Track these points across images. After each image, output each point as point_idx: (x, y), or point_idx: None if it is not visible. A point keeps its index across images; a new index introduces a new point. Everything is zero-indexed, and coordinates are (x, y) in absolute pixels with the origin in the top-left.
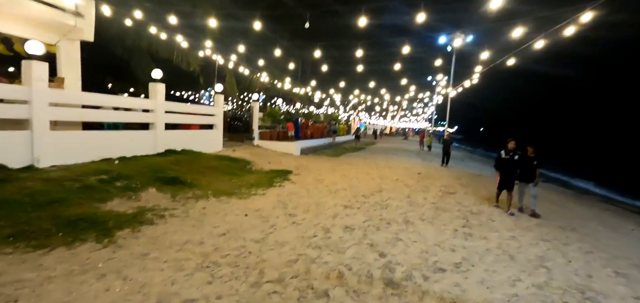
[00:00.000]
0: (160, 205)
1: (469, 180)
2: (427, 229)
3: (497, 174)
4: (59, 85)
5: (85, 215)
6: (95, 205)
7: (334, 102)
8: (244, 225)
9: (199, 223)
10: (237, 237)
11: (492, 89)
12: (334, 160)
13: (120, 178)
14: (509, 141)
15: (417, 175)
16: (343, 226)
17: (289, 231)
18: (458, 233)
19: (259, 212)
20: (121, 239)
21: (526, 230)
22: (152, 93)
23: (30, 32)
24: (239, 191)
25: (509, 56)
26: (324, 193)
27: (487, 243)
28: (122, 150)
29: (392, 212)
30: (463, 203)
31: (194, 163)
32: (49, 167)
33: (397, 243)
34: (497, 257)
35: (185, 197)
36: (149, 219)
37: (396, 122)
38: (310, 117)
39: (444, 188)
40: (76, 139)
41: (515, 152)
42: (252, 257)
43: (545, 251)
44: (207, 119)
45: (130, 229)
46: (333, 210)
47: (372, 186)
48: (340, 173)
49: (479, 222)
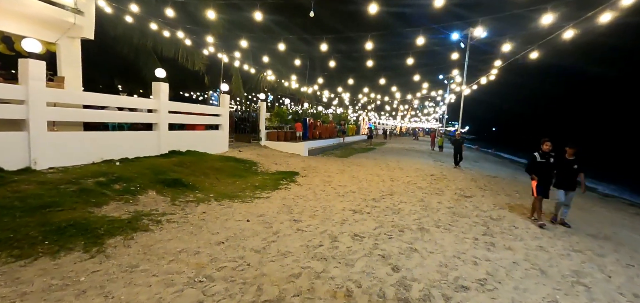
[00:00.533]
0: (158, 209)
1: (486, 183)
2: (444, 238)
3: (531, 179)
4: (59, 84)
5: (76, 220)
6: (89, 210)
7: (342, 102)
8: (245, 232)
9: (197, 229)
10: (237, 246)
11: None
12: (342, 161)
13: (119, 181)
14: (544, 141)
15: (430, 177)
16: (352, 234)
17: (293, 239)
18: (479, 243)
19: (262, 217)
20: (111, 248)
21: (554, 238)
22: (155, 92)
23: (29, 30)
24: (243, 194)
25: (527, 51)
26: (332, 196)
27: (512, 254)
28: (125, 151)
29: (405, 218)
30: (481, 207)
31: (198, 165)
32: (46, 169)
33: (412, 255)
34: (526, 272)
35: (185, 200)
36: (144, 225)
37: (406, 122)
38: (318, 117)
39: (459, 191)
40: (76, 140)
41: (552, 154)
42: (251, 270)
43: (580, 264)
44: (212, 119)
45: (122, 236)
46: (341, 215)
47: (382, 189)
48: (349, 175)
49: (501, 229)
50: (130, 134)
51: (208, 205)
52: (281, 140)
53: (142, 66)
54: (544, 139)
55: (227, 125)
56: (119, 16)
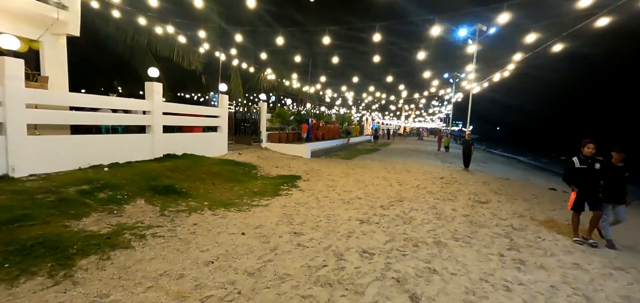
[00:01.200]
0: (144, 221)
1: (499, 186)
2: (465, 254)
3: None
4: (42, 85)
5: (47, 237)
6: (65, 224)
7: (346, 102)
8: (239, 248)
9: (185, 245)
10: (228, 266)
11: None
12: (346, 164)
13: (105, 189)
14: (585, 143)
15: (439, 180)
16: (360, 250)
17: (293, 257)
18: (506, 260)
19: (259, 230)
20: (81, 272)
21: (587, 253)
22: (149, 93)
23: (7, 26)
24: (240, 201)
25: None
26: (336, 203)
27: (547, 275)
28: (116, 155)
29: (419, 229)
30: (500, 215)
31: (194, 169)
32: (26, 176)
33: (431, 278)
34: (570, 300)
35: (176, 209)
36: (124, 241)
37: (410, 122)
38: (321, 117)
39: (473, 195)
40: (60, 145)
41: (596, 159)
42: (242, 301)
43: (627, 287)
44: (210, 121)
45: (97, 256)
46: (347, 226)
47: (390, 194)
48: (353, 179)
49: (527, 242)
50: (121, 137)
51: (201, 215)
52: (283, 142)
53: (138, 65)
54: (585, 141)
55: (226, 126)
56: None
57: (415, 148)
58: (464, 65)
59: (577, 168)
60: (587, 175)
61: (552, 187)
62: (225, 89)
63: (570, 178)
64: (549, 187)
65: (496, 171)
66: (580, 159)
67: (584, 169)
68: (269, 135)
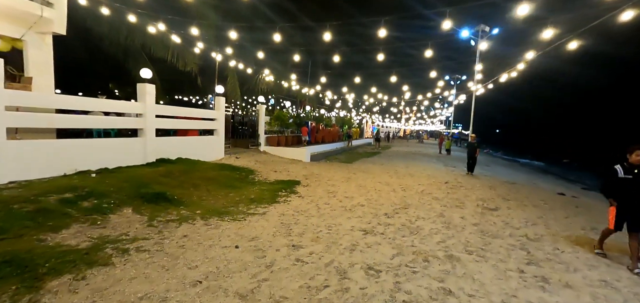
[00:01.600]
0: (129, 233)
1: (506, 191)
2: (482, 270)
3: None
4: (26, 86)
5: (16, 254)
6: (40, 237)
7: (346, 104)
8: (231, 264)
9: (172, 261)
10: (217, 287)
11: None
12: (347, 168)
13: (90, 197)
14: (634, 150)
15: (444, 185)
16: (365, 266)
17: (291, 275)
18: (527, 277)
19: (254, 242)
20: (49, 295)
21: (612, 267)
22: (141, 95)
23: None
24: (235, 209)
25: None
26: (338, 211)
27: (576, 296)
28: (105, 160)
29: (427, 241)
30: (512, 224)
31: (188, 174)
32: (5, 184)
33: (447, 301)
34: None
35: (166, 219)
36: (105, 257)
37: (410, 125)
38: (321, 120)
39: (481, 202)
40: (44, 149)
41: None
42: None
43: None
44: (206, 124)
45: (71, 276)
46: (350, 237)
47: (394, 200)
48: (355, 184)
49: (545, 255)
50: (111, 142)
51: (192, 226)
52: (282, 145)
53: (132, 67)
54: (633, 147)
55: (222, 129)
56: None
57: (417, 151)
58: (466, 68)
59: (621, 178)
60: (632, 187)
61: (560, 191)
62: (222, 91)
63: (609, 190)
64: (557, 192)
65: (500, 175)
66: (624, 168)
67: (629, 180)
68: (267, 138)
